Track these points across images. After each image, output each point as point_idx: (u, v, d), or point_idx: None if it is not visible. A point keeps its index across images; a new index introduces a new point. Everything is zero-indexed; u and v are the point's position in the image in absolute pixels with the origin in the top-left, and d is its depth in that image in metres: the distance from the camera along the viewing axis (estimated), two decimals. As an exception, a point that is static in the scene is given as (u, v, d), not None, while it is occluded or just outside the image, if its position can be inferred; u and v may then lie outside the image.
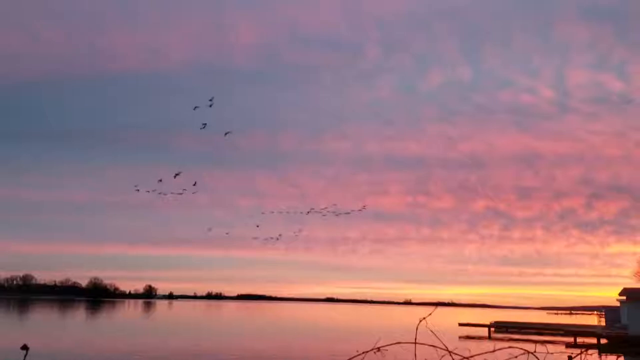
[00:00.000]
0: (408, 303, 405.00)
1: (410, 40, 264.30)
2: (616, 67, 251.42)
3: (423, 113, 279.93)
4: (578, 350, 4.99)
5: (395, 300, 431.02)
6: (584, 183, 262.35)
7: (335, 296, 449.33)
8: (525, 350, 4.69)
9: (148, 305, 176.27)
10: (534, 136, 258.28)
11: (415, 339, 4.95)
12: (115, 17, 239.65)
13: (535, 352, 4.68)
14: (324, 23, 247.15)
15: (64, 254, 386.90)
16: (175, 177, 31.96)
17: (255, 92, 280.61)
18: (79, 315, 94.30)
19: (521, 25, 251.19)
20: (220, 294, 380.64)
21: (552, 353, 4.98)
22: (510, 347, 4.72)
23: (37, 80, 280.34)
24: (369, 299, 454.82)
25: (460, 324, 69.07)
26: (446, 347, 4.73)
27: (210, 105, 28.30)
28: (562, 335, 56.66)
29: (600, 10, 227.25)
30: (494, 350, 4.81)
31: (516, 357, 4.66)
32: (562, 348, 40.03)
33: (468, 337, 53.42)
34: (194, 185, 38.10)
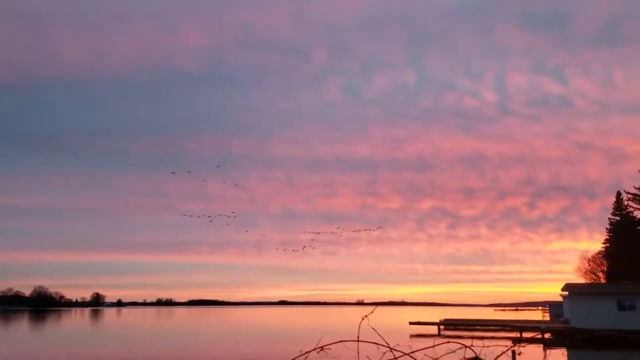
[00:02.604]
0: (360, 303, 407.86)
1: (356, 44, 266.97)
2: (553, 71, 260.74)
3: (370, 116, 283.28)
4: (506, 342, 5.20)
5: (348, 301, 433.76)
6: (526, 183, 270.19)
7: (288, 299, 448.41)
8: (462, 344, 4.88)
9: (96, 314, 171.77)
10: (478, 138, 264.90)
11: (358, 337, 5.05)
12: (60, 20, 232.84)
13: (472, 345, 4.88)
14: (272, 26, 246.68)
15: (5, 262, 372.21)
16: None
17: (204, 95, 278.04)
18: (21, 325, 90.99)
19: (462, 30, 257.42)
20: (171, 300, 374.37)
21: (487, 346, 5.18)
22: (448, 342, 4.90)
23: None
24: (322, 300, 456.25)
25: (411, 323, 70.00)
26: (387, 344, 4.86)
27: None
28: (508, 330, 58.23)
29: (537, 16, 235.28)
30: (433, 346, 4.97)
31: (454, 351, 4.85)
32: (509, 343, 41.16)
33: (419, 335, 54.22)
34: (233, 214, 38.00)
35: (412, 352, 4.97)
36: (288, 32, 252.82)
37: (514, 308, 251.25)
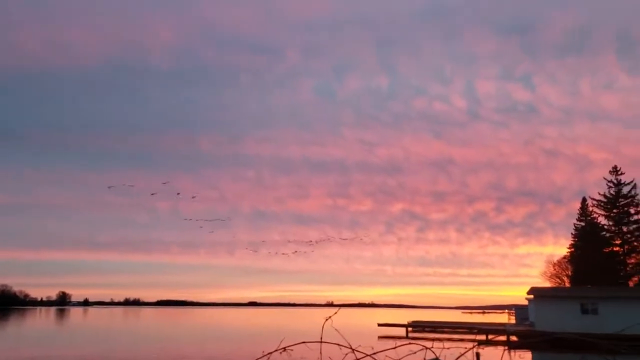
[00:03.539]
0: (330, 305, 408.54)
1: (328, 46, 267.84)
2: (522, 78, 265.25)
3: (342, 118, 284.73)
4: (471, 345, 5.32)
5: (318, 303, 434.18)
6: (494, 188, 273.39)
7: (258, 300, 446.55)
8: (423, 345, 4.95)
9: (61, 313, 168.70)
10: (448, 143, 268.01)
11: (321, 338, 5.07)
12: (23, 12, 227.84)
13: (432, 347, 4.96)
14: (243, 24, 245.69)
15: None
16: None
17: (173, 92, 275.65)
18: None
19: (432, 35, 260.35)
20: (139, 299, 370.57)
21: (448, 348, 5.26)
22: (410, 343, 4.97)
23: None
24: (291, 302, 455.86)
25: (380, 324, 70.38)
26: (349, 345, 4.89)
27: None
28: (475, 333, 58.93)
29: (506, 23, 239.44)
30: (395, 347, 5.01)
31: (415, 352, 4.93)
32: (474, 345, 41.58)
33: (387, 337, 54.57)
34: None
35: (374, 353, 5.02)
36: (259, 31, 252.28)
37: (481, 311, 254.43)
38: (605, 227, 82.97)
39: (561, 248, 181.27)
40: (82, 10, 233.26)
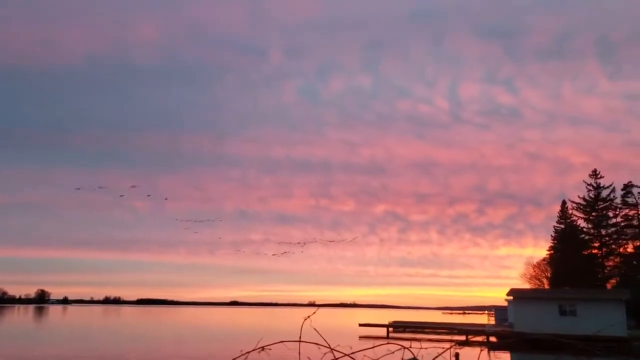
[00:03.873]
0: (312, 305, 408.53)
1: (312, 47, 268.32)
2: (505, 81, 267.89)
3: (325, 119, 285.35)
4: (448, 345, 5.36)
5: (300, 302, 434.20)
6: (476, 190, 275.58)
7: (239, 299, 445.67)
8: (401, 345, 4.97)
9: (40, 311, 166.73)
10: (431, 144, 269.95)
11: (300, 338, 5.07)
12: (10, 9, 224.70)
13: (410, 347, 4.98)
14: (229, 24, 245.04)
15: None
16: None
17: (158, 90, 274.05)
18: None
19: (417, 38, 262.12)
20: (119, 298, 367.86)
21: (425, 348, 5.29)
22: (388, 342, 5.00)
23: None
24: (273, 301, 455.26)
25: (361, 324, 70.50)
26: (328, 345, 4.90)
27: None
28: (455, 333, 59.31)
29: (490, 28, 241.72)
30: (373, 347, 5.03)
31: (393, 352, 4.95)
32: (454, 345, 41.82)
33: (368, 337, 54.70)
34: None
35: (352, 353, 5.04)
36: (245, 30, 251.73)
37: (461, 311, 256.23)
38: (585, 229, 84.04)
39: (541, 250, 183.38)
40: (74, 10, 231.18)
